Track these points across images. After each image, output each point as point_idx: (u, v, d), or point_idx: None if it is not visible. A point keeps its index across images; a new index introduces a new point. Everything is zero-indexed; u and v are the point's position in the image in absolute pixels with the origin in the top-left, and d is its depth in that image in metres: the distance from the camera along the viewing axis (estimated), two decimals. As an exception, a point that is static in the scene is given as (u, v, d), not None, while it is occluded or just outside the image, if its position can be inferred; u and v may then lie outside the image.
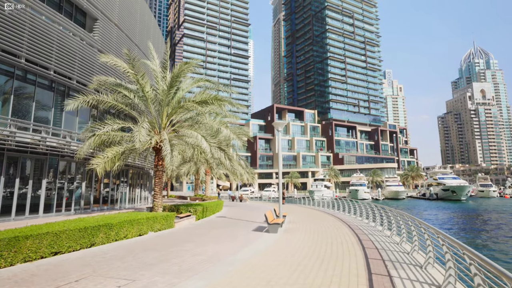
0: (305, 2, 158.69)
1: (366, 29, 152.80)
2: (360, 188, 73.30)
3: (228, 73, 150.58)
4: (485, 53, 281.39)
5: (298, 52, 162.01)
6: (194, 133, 15.71)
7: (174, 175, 39.97)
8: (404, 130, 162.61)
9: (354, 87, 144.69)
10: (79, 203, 20.32)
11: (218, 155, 16.36)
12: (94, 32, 21.13)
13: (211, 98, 16.28)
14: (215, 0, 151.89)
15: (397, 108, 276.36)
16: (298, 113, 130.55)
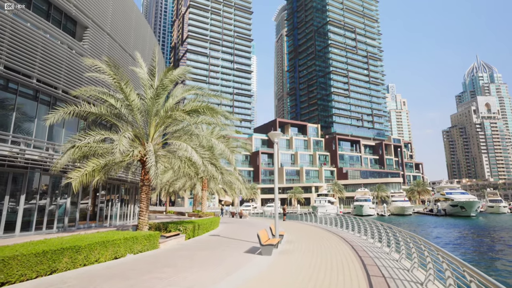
0: (307, 18, 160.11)
1: (369, 44, 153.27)
2: (365, 204, 71.27)
3: (231, 88, 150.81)
4: (488, 67, 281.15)
5: (301, 66, 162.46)
6: (184, 144, 14.50)
7: (171, 190, 38.60)
8: (409, 144, 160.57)
9: (357, 101, 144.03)
10: (63, 221, 19.00)
11: (209, 169, 15.09)
12: (84, 41, 20.31)
13: (202, 107, 15.14)
14: (218, 17, 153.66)
15: (401, 122, 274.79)
16: (301, 127, 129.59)
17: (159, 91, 15.38)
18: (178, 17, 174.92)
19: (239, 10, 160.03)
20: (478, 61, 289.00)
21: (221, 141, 16.35)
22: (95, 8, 21.17)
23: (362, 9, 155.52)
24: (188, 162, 14.58)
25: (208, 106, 15.01)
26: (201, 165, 13.79)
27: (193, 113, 15.50)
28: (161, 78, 15.27)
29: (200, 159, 13.95)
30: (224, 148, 15.98)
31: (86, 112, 15.06)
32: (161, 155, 15.30)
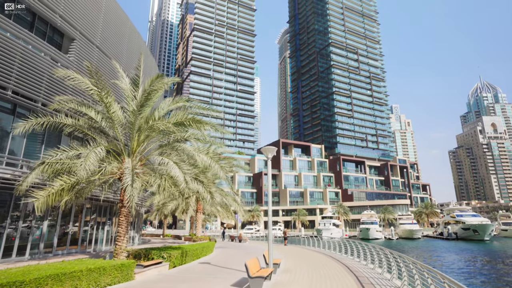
0: (309, 40, 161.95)
1: (371, 65, 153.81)
2: (371, 227, 68.41)
3: (234, 109, 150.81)
4: (492, 87, 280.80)
5: (304, 87, 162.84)
6: (166, 159, 12.98)
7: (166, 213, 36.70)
8: (415, 165, 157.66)
9: (361, 121, 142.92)
10: (38, 246, 17.27)
11: (193, 187, 13.47)
12: (70, 53, 19.29)
13: (188, 119, 13.71)
14: (222, 39, 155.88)
15: (406, 143, 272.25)
16: (304, 148, 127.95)
17: (142, 102, 14.03)
18: (182, 40, 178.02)
19: (242, 33, 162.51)
20: (482, 81, 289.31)
21: (211, 157, 14.76)
22: (83, 20, 20.30)
23: (364, 31, 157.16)
24: (169, 180, 12.96)
25: (194, 118, 13.59)
26: (182, 182, 12.18)
27: (178, 126, 14.06)
28: (144, 89, 13.96)
29: (182, 175, 12.36)
30: (212, 164, 14.39)
31: (61, 124, 13.72)
32: (141, 172, 13.74)
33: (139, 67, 14.18)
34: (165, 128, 12.61)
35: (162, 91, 15.45)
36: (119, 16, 24.30)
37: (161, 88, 14.72)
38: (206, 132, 15.09)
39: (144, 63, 24.15)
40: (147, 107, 14.40)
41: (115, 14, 23.76)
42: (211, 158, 14.48)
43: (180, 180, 12.31)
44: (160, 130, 14.05)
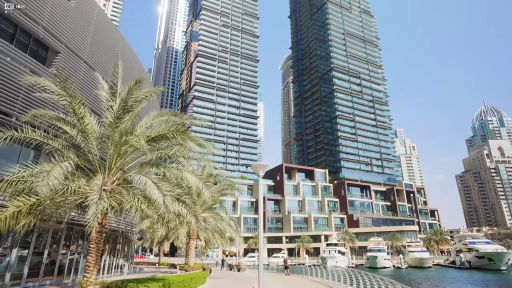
0: (312, 65, 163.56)
1: (374, 89, 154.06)
2: (379, 254, 65.04)
3: (237, 133, 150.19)
4: (497, 111, 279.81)
5: (307, 112, 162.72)
6: (143, 178, 11.38)
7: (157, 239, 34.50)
8: (422, 190, 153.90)
9: (365, 145, 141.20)
10: (3, 278, 15.37)
11: (172, 208, 11.75)
12: (53, 66, 18.20)
13: (171, 131, 12.16)
14: (225, 65, 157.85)
15: (411, 167, 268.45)
16: (308, 172, 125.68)
17: (120, 114, 12.62)
18: (186, 66, 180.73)
19: (245, 58, 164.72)
20: (485, 105, 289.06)
21: (197, 175, 13.11)
22: (70, 34, 19.40)
23: (366, 56, 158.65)
24: (143, 200, 11.28)
25: (178, 129, 12.06)
26: (160, 203, 10.51)
27: (160, 140, 12.54)
28: (122, 98, 12.59)
29: (160, 195, 10.71)
30: (197, 183, 12.72)
31: (29, 138, 12.29)
32: (115, 191, 12.09)
33: (116, 73, 12.86)
34: (135, 143, 11.01)
35: (146, 102, 14.09)
36: (110, 32, 23.55)
37: (145, 99, 13.35)
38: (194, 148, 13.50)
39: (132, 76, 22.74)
40: (126, 119, 12.97)
41: (107, 29, 23.01)
42: (196, 177, 12.81)
43: (158, 201, 10.66)
44: (138, 145, 12.50)
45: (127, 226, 25.16)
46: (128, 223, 26.49)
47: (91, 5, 21.24)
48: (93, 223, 9.95)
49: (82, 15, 20.29)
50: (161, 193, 10.70)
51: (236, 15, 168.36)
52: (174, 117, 14.64)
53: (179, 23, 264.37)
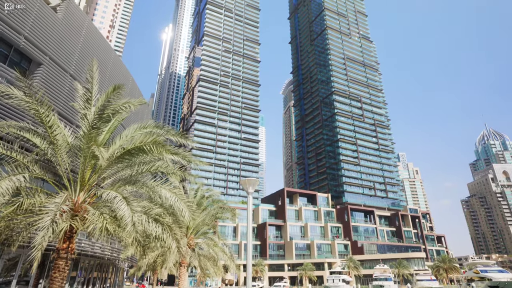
0: (313, 89, 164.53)
1: (375, 112, 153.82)
2: (385, 283, 61.65)
3: (238, 157, 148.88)
4: (499, 135, 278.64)
5: (308, 135, 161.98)
6: (113, 193, 9.93)
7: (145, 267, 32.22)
8: (427, 215, 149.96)
9: (368, 169, 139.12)
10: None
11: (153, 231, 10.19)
12: (34, 78, 17.18)
13: (147, 143, 10.83)
14: (227, 89, 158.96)
15: (415, 192, 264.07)
16: (310, 197, 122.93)
17: (95, 123, 11.33)
18: (188, 91, 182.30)
19: (247, 83, 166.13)
20: (487, 129, 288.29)
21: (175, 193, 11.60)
22: (56, 46, 18.55)
23: (366, 80, 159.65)
24: (110, 219, 9.75)
25: (155, 141, 10.70)
26: (128, 222, 8.99)
27: (137, 153, 11.16)
28: (99, 106, 11.34)
29: (128, 212, 9.20)
30: (176, 201, 11.21)
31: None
32: (84, 210, 10.58)
33: (91, 78, 11.66)
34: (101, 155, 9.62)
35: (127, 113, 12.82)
36: (101, 47, 22.82)
37: (124, 109, 12.11)
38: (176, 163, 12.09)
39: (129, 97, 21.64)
40: (103, 130, 11.68)
41: (97, 44, 22.28)
42: (176, 194, 11.31)
43: (125, 219, 9.14)
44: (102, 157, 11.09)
45: (113, 252, 23.32)
46: (115, 249, 24.64)
47: (80, 18, 20.59)
48: (41, 246, 8.39)
49: (70, 28, 19.57)
50: (131, 211, 9.20)
51: (237, 41, 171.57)
52: (159, 129, 13.34)
53: (182, 49, 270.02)
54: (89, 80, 11.72)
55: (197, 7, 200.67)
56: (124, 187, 11.33)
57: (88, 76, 11.73)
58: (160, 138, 10.85)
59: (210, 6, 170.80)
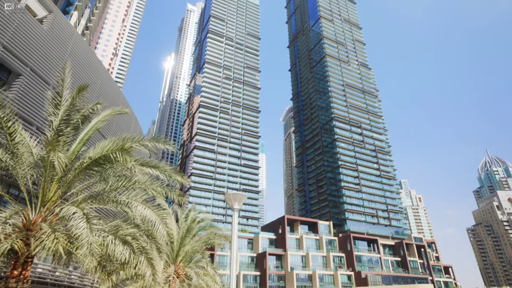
0: (313, 115, 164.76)
1: (376, 138, 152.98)
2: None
3: (238, 184, 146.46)
4: (501, 162, 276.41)
5: (309, 161, 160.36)
6: (73, 208, 8.40)
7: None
8: (433, 244, 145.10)
9: (370, 196, 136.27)
10: None
11: (116, 253, 8.53)
12: (11, 90, 16.03)
13: (114, 150, 9.42)
14: (227, 115, 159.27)
15: (419, 220, 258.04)
16: (311, 225, 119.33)
17: (61, 129, 9.99)
18: (188, 117, 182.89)
19: (247, 109, 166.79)
20: (489, 155, 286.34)
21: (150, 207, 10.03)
22: (38, 58, 17.55)
23: (366, 106, 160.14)
24: (63, 238, 8.15)
25: (123, 148, 9.29)
26: (85, 244, 7.39)
27: (104, 162, 9.72)
28: (65, 110, 10.05)
29: (88, 231, 7.62)
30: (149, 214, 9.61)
31: None
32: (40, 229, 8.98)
33: (61, 80, 10.43)
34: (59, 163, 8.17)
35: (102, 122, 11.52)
36: (90, 61, 21.93)
37: (95, 114, 10.82)
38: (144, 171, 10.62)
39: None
40: (68, 137, 10.30)
41: (85, 58, 21.39)
42: (149, 208, 9.75)
43: (82, 239, 7.55)
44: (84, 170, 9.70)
45: (83, 280, 21.13)
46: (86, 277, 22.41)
47: (68, 31, 19.83)
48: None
49: (56, 40, 18.72)
50: (90, 229, 7.64)
51: (238, 68, 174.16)
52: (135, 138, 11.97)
53: (184, 76, 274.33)
54: (59, 83, 10.49)
55: (198, 36, 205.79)
56: (92, 204, 9.78)
57: (58, 79, 10.51)
58: (128, 144, 9.41)
59: (211, 35, 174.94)
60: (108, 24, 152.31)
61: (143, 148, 10.31)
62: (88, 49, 22.14)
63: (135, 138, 10.37)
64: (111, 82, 25.11)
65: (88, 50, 22.10)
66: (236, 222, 9.32)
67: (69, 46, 19.98)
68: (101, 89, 23.50)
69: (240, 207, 9.48)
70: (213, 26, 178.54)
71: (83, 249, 7.43)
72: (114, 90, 25.35)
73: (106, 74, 24.19)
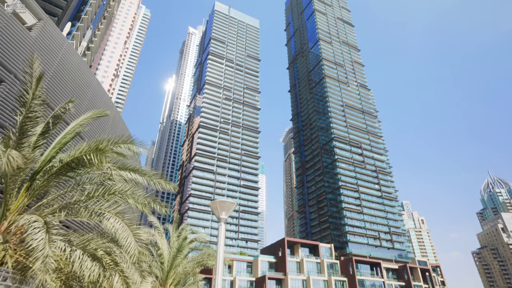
0: (312, 136, 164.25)
1: (376, 159, 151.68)
2: None
3: (237, 205, 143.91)
4: (504, 183, 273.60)
5: (309, 182, 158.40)
6: (34, 217, 7.26)
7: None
8: (438, 268, 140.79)
9: (372, 217, 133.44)
10: None
11: (82, 269, 7.30)
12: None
13: (88, 151, 8.37)
14: (226, 136, 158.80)
15: (423, 243, 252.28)
16: (312, 247, 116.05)
17: (26, 129, 8.99)
18: (188, 138, 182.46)
19: (247, 129, 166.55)
20: (491, 176, 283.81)
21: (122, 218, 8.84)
22: (23, 65, 16.80)
23: (366, 126, 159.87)
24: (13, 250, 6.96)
25: (98, 148, 8.24)
26: (40, 257, 6.22)
27: (77, 166, 8.64)
28: (28, 107, 9.09)
29: (45, 243, 6.46)
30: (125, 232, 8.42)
31: None
32: None
33: (30, 76, 9.51)
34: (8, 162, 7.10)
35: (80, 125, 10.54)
36: (80, 71, 21.23)
37: (64, 112, 9.84)
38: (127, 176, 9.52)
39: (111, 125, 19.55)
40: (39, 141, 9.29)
41: (75, 67, 20.69)
42: (118, 217, 8.58)
43: (38, 252, 6.38)
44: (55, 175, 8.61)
45: None
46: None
47: (58, 39, 19.23)
48: None
49: (44, 47, 18.08)
50: (48, 241, 6.48)
51: (238, 89, 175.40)
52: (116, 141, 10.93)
53: (184, 97, 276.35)
54: (27, 79, 9.58)
55: (199, 58, 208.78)
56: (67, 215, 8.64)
57: (26, 75, 9.61)
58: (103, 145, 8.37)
59: (212, 57, 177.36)
60: (110, 45, 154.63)
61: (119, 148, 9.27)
62: (80, 59, 21.51)
63: (111, 139, 9.35)
64: (103, 94, 24.37)
65: (80, 61, 21.46)
66: (223, 235, 8.14)
67: (59, 55, 19.32)
68: (91, 101, 22.69)
69: (227, 216, 8.32)
70: (214, 48, 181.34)
71: (37, 263, 6.26)
72: (106, 103, 24.56)
73: (98, 86, 23.47)
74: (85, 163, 8.49)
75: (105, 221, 8.39)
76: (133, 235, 8.35)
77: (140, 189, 11.08)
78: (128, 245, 8.10)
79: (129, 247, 8.11)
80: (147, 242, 20.56)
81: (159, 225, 21.33)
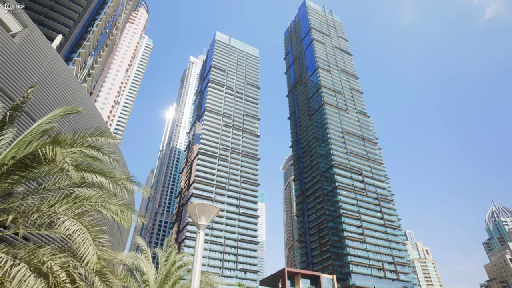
0: (312, 163, 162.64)
1: (378, 186, 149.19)
2: None
3: (236, 234, 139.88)
4: (509, 212, 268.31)
5: (310, 210, 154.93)
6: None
7: None
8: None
9: (375, 247, 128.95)
10: None
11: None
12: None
13: (43, 145, 7.04)
14: (226, 163, 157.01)
15: (428, 274, 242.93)
16: (313, 278, 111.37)
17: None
18: (187, 164, 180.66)
19: (246, 156, 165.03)
20: (496, 205, 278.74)
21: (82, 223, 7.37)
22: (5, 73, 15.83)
23: (366, 153, 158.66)
24: None
25: (56, 140, 6.94)
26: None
27: (32, 163, 7.31)
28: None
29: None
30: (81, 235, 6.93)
31: None
32: None
33: None
34: None
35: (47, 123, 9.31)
36: (66, 81, 20.28)
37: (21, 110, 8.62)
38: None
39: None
40: None
41: (61, 77, 19.75)
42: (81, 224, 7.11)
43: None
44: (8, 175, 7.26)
45: None
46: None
47: (44, 48, 18.44)
48: None
49: (28, 56, 17.24)
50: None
51: (237, 116, 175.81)
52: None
53: (184, 125, 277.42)
54: None
55: (199, 85, 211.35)
56: (6, 217, 7.18)
57: None
58: (62, 137, 7.07)
59: (212, 84, 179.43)
60: (112, 73, 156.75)
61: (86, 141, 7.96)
62: (67, 69, 20.68)
63: (78, 132, 8.08)
64: (91, 106, 23.35)
65: (67, 71, 20.61)
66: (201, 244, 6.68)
67: (44, 63, 18.46)
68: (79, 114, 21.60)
69: (208, 222, 6.88)
70: (214, 76, 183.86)
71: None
72: (94, 115, 23.49)
73: (86, 98, 22.51)
74: (41, 159, 7.17)
75: (59, 225, 6.94)
76: (92, 239, 6.86)
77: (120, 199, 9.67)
78: (85, 251, 6.59)
79: (86, 252, 6.60)
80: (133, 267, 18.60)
81: (146, 247, 19.37)
